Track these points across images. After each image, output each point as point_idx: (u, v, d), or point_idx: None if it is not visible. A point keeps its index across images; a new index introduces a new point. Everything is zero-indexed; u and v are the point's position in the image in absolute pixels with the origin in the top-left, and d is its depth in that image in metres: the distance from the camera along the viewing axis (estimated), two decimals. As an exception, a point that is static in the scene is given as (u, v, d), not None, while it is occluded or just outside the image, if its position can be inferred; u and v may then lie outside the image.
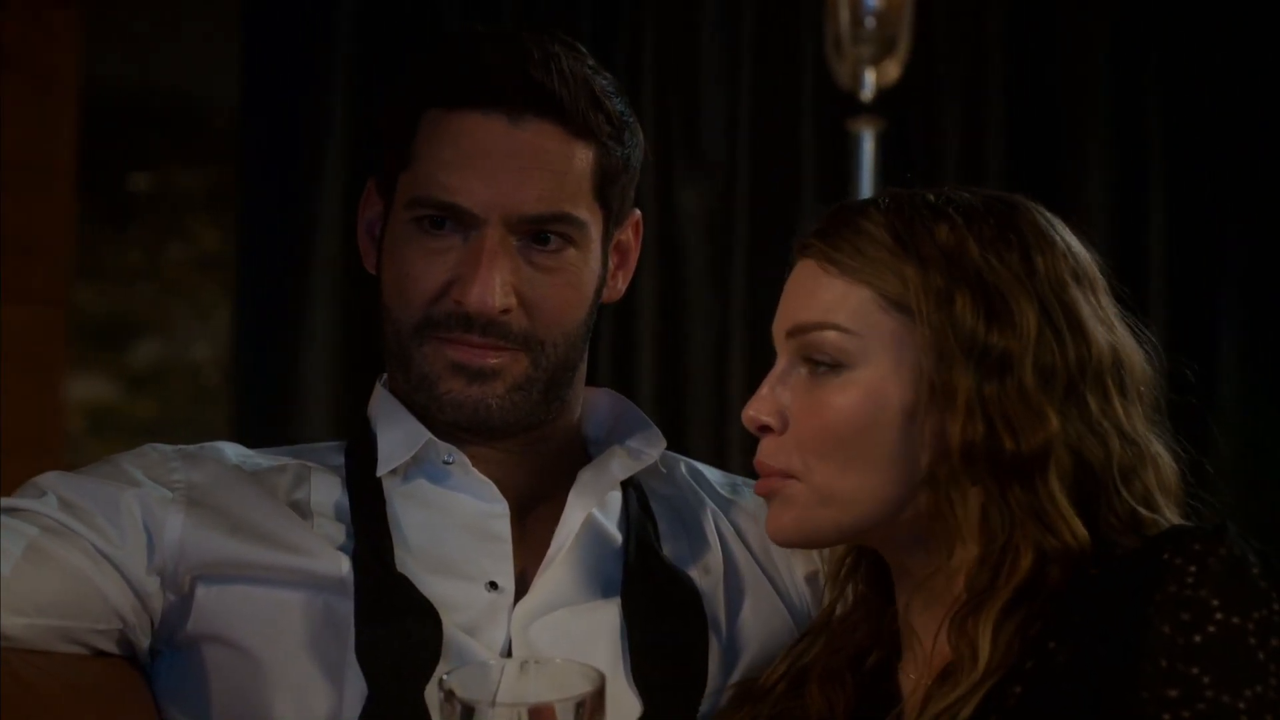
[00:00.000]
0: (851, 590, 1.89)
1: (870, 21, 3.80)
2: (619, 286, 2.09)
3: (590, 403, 2.11)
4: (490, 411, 1.96)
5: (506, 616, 1.93)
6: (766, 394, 1.77)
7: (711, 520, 2.09)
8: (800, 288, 1.78)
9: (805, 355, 1.76)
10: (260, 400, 4.10)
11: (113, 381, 4.53)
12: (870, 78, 3.82)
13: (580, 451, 2.07)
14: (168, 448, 2.01)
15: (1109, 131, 4.13)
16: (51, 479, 1.94)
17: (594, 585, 1.98)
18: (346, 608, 1.89)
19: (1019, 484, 1.71)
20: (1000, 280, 1.73)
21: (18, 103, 3.98)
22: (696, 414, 4.12)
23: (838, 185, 3.92)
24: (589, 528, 2.00)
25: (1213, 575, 1.60)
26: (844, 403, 1.73)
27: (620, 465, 2.03)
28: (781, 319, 1.79)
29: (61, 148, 4.14)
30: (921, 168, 3.97)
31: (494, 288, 1.92)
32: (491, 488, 1.97)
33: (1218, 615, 1.59)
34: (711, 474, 2.16)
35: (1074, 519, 1.71)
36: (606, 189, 1.99)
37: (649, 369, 4.11)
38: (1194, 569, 1.61)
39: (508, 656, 1.91)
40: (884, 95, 3.84)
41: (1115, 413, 1.75)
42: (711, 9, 4.19)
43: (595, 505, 2.01)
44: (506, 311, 1.93)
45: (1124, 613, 1.62)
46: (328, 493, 1.99)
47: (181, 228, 4.59)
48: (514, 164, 1.93)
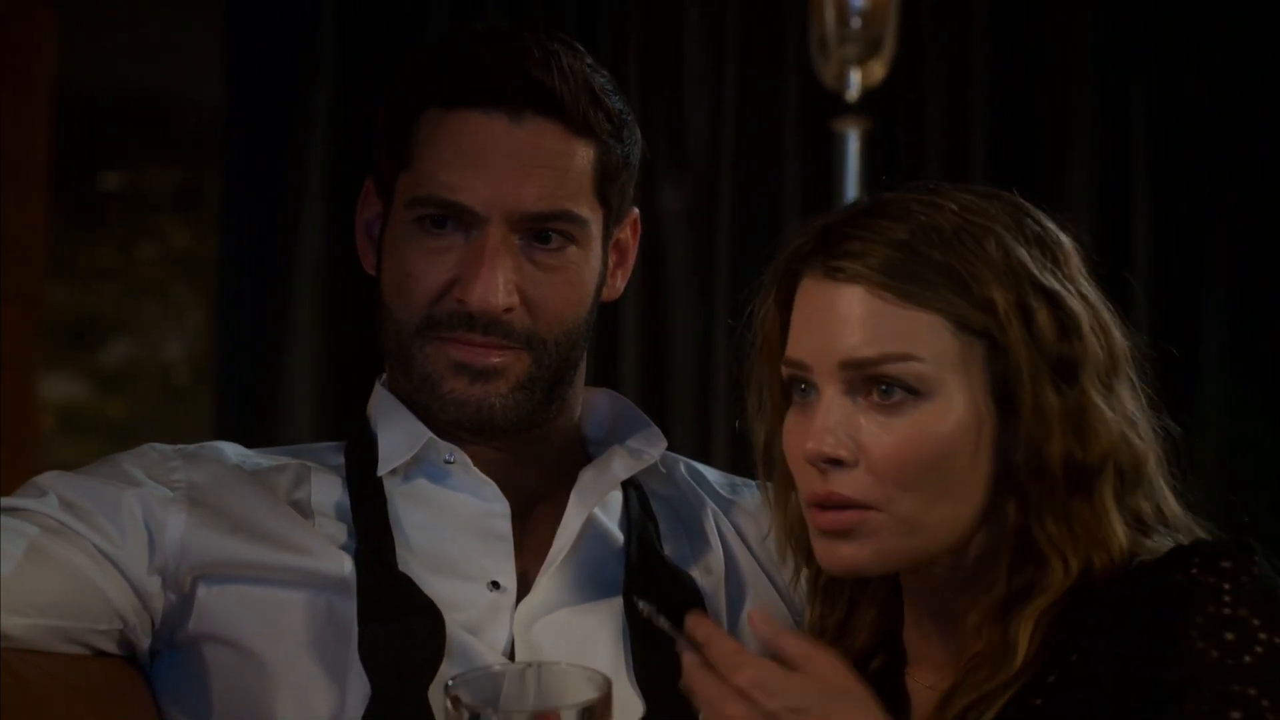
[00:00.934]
0: (842, 599, 1.87)
1: (856, 21, 3.80)
2: (618, 285, 2.08)
3: (589, 402, 2.10)
4: (494, 411, 1.95)
5: (509, 616, 1.93)
6: (831, 425, 1.72)
7: (712, 520, 2.08)
8: (852, 318, 1.72)
9: (873, 385, 1.72)
10: (240, 400, 4.09)
11: (84, 381, 4.52)
12: (855, 78, 3.82)
13: (580, 451, 2.07)
14: (167, 447, 2.00)
15: (1093, 132, 4.14)
16: (52, 478, 1.93)
17: (596, 585, 1.97)
18: (348, 607, 1.88)
19: (1082, 495, 1.71)
20: (1052, 285, 1.72)
21: (-8, 102, 3.97)
22: (680, 413, 4.12)
23: (822, 185, 3.92)
24: (590, 527, 1.99)
25: (1249, 594, 1.61)
26: (927, 432, 1.70)
27: (621, 465, 2.02)
28: (826, 349, 1.73)
29: (35, 147, 4.12)
30: (906, 168, 3.96)
31: (497, 286, 1.91)
32: (493, 487, 1.97)
33: (1261, 635, 1.59)
34: (711, 474, 2.16)
35: (1120, 528, 1.71)
36: (607, 187, 1.98)
37: (632, 368, 4.10)
38: (1228, 586, 1.61)
39: (510, 656, 1.91)
40: (869, 95, 3.84)
41: (1135, 405, 1.76)
42: (696, 8, 4.18)
43: (597, 505, 2.00)
44: (509, 310, 1.93)
45: (1154, 631, 1.62)
46: (328, 492, 1.99)
47: (154, 227, 4.57)
48: (515, 162, 1.92)
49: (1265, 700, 1.56)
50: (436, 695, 1.83)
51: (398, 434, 1.99)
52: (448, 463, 1.97)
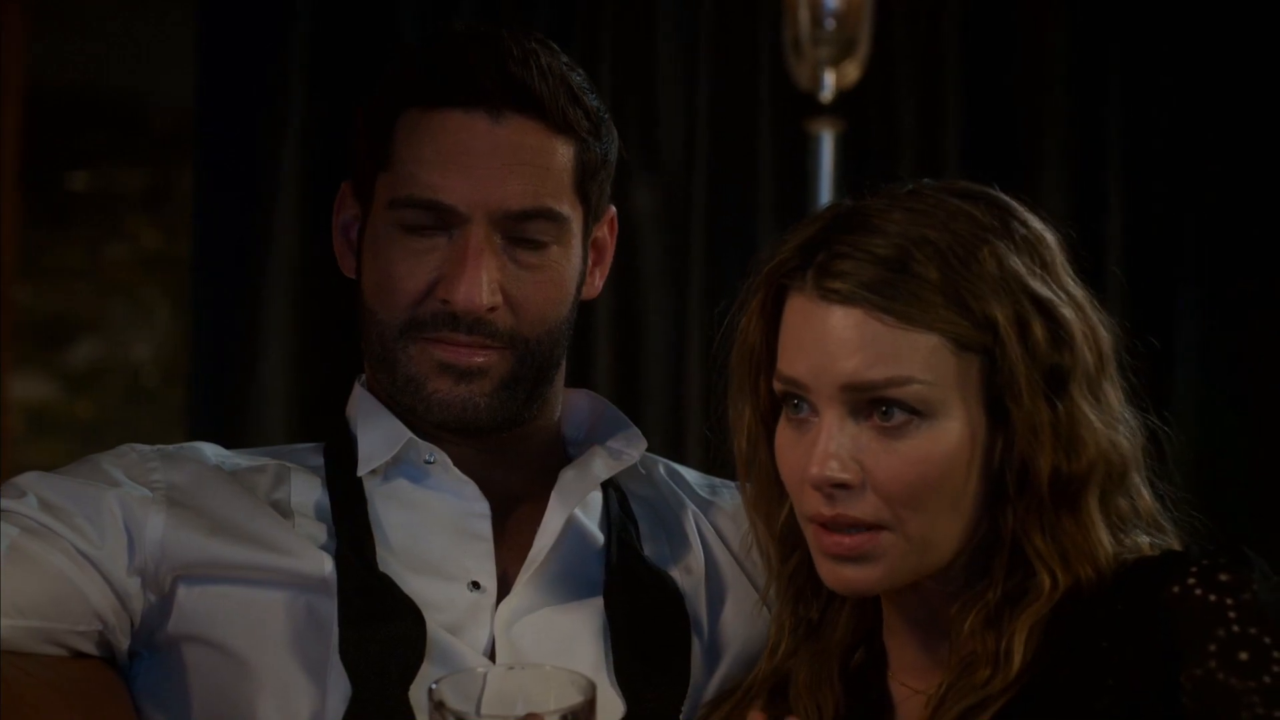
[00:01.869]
0: (819, 596, 1.86)
1: (830, 23, 3.80)
2: (596, 284, 2.09)
3: (569, 403, 2.10)
4: (478, 410, 1.95)
5: (489, 616, 1.93)
6: (834, 449, 1.70)
7: (692, 521, 2.08)
8: (851, 341, 1.70)
9: (875, 407, 1.70)
10: (213, 401, 4.07)
11: (52, 381, 4.50)
12: (830, 79, 3.82)
13: (560, 451, 2.07)
14: (147, 448, 1.99)
15: (1066, 132, 4.14)
16: (31, 479, 1.93)
17: (576, 585, 1.97)
18: (329, 607, 1.88)
19: (1068, 507, 1.71)
20: (1045, 293, 1.71)
21: (-40, 101, 3.95)
22: (654, 413, 4.11)
23: (796, 187, 3.92)
24: (571, 528, 1.99)
25: (1253, 610, 1.61)
26: (933, 452, 1.69)
27: (602, 465, 2.02)
28: (826, 371, 1.71)
29: (4, 146, 4.10)
30: (880, 169, 3.96)
31: (481, 285, 1.91)
32: (473, 487, 1.96)
33: (1275, 654, 1.60)
34: (690, 475, 2.16)
35: (1106, 537, 1.72)
36: (586, 184, 1.99)
37: (605, 369, 4.10)
38: (1230, 602, 1.62)
39: (491, 656, 1.91)
40: (843, 96, 3.84)
41: (1120, 403, 1.75)
42: (669, 9, 4.18)
43: (577, 506, 1.99)
44: (493, 310, 1.92)
45: (1156, 647, 1.63)
46: (308, 493, 1.98)
47: (123, 227, 4.56)
48: (496, 161, 1.92)
49: None
50: (417, 695, 1.83)
51: (377, 434, 1.98)
52: (428, 463, 1.97)
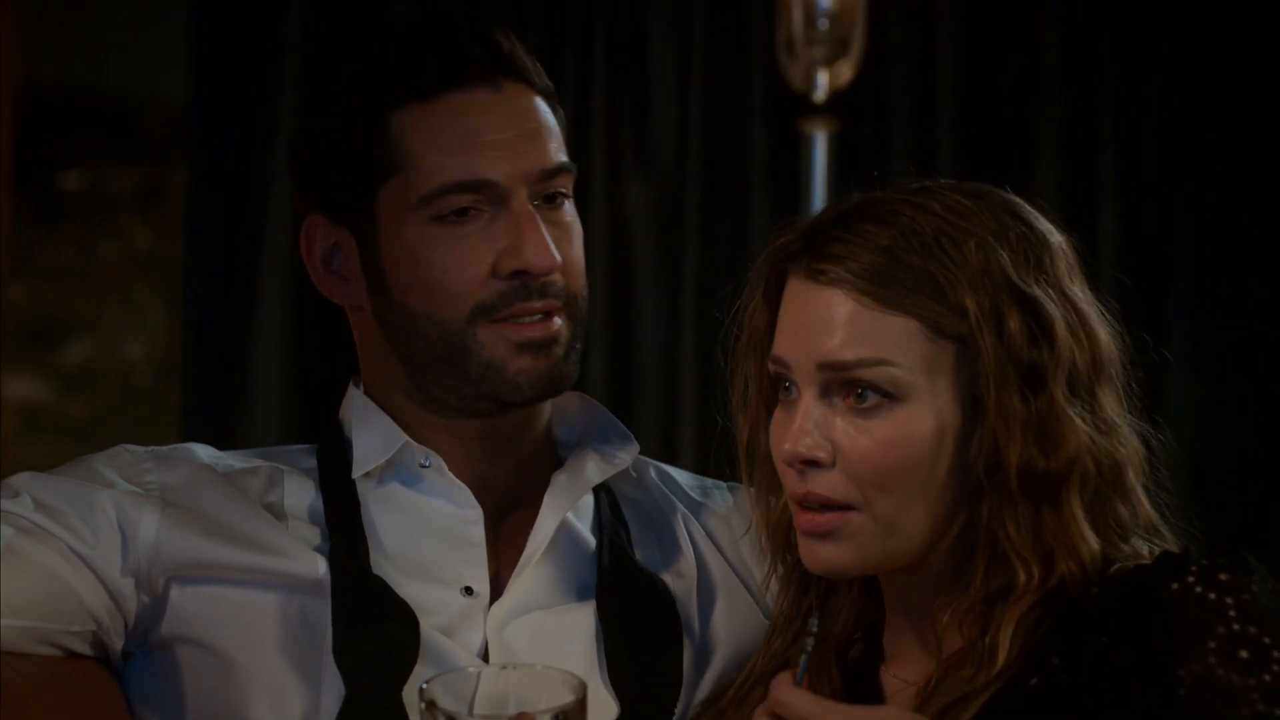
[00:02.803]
0: (818, 587, 1.87)
1: (823, 23, 3.80)
2: None
3: (560, 406, 2.09)
4: (561, 377, 1.95)
5: (482, 619, 1.93)
6: (809, 428, 1.74)
7: (683, 524, 2.08)
8: (832, 321, 1.73)
9: (850, 388, 1.73)
10: (207, 400, 4.07)
11: (45, 381, 4.50)
12: (823, 79, 3.82)
13: (552, 454, 2.06)
14: (140, 449, 1.99)
15: (1059, 132, 4.15)
16: (25, 479, 1.93)
17: (568, 588, 1.98)
18: (322, 609, 1.88)
19: (1047, 502, 1.71)
20: (1030, 291, 1.72)
21: (-49, 101, 3.95)
22: (647, 415, 4.11)
23: (790, 187, 3.92)
24: (563, 531, 1.99)
25: (1253, 610, 1.63)
26: (903, 435, 1.71)
27: (594, 469, 2.01)
28: (806, 350, 1.74)
29: (-4, 145, 4.10)
30: (874, 169, 3.96)
31: (548, 244, 1.91)
32: (466, 493, 1.96)
33: (1275, 653, 1.61)
34: (681, 476, 2.16)
35: (1091, 535, 1.72)
36: (566, 141, 2.00)
37: (599, 370, 4.09)
38: (1231, 601, 1.63)
39: (484, 658, 1.91)
40: (837, 96, 3.84)
41: (1116, 410, 1.76)
42: (662, 9, 4.18)
43: (569, 509, 1.99)
44: (556, 269, 1.93)
45: (1152, 642, 1.64)
46: (301, 495, 1.98)
47: (115, 227, 4.56)
48: (513, 128, 1.92)
49: None
50: (411, 696, 1.83)
51: (373, 437, 1.98)
52: (423, 467, 1.97)
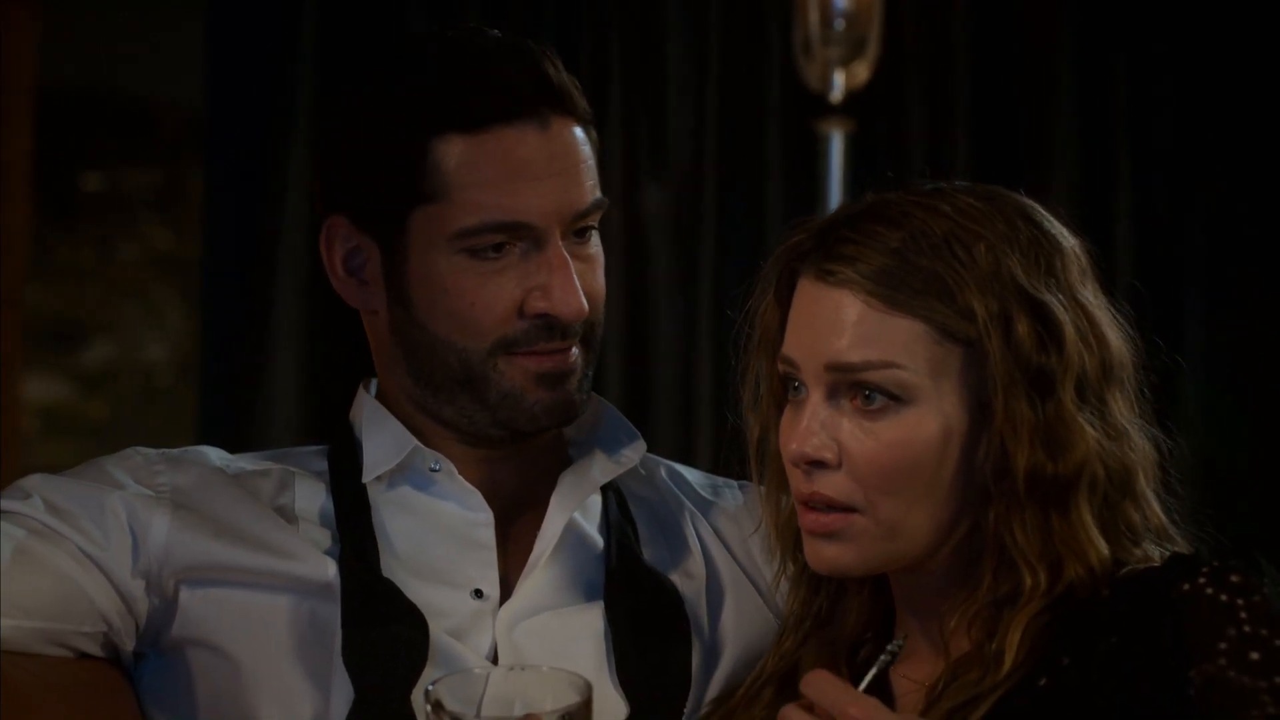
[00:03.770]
0: (829, 587, 1.87)
1: (839, 23, 3.80)
2: None
3: None
4: (574, 408, 1.96)
5: (491, 621, 1.93)
6: (815, 428, 1.74)
7: (691, 523, 2.08)
8: (841, 322, 1.73)
9: (857, 390, 1.73)
10: (224, 401, 4.08)
11: (65, 382, 4.51)
12: (839, 79, 3.82)
13: (561, 453, 2.06)
14: (151, 451, 1.99)
15: (1075, 133, 4.15)
16: (36, 481, 1.93)
17: (577, 589, 1.98)
18: (332, 612, 1.88)
19: (1056, 508, 1.71)
20: (1040, 294, 1.72)
21: (-28, 102, 3.96)
22: (663, 415, 4.11)
23: (806, 187, 3.92)
24: (571, 532, 1.99)
25: (1264, 612, 1.62)
26: (909, 438, 1.71)
27: (601, 469, 2.01)
28: (814, 351, 1.74)
29: (16, 147, 4.11)
30: (889, 169, 3.96)
31: (579, 294, 1.91)
32: (476, 495, 1.96)
33: None
34: (692, 475, 2.16)
35: (1099, 539, 1.72)
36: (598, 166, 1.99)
37: (616, 371, 4.10)
38: (1241, 602, 1.63)
39: (493, 659, 1.91)
40: (853, 97, 3.84)
41: (1125, 414, 1.76)
42: (678, 10, 4.18)
43: (577, 509, 1.99)
44: (584, 315, 1.93)
45: (1162, 642, 1.63)
46: (312, 498, 1.98)
47: (135, 228, 4.57)
48: (555, 168, 1.91)
49: None
50: (420, 698, 1.81)
51: (383, 440, 1.98)
52: (433, 470, 1.97)
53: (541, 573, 1.96)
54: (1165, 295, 4.07)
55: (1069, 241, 1.77)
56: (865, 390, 1.72)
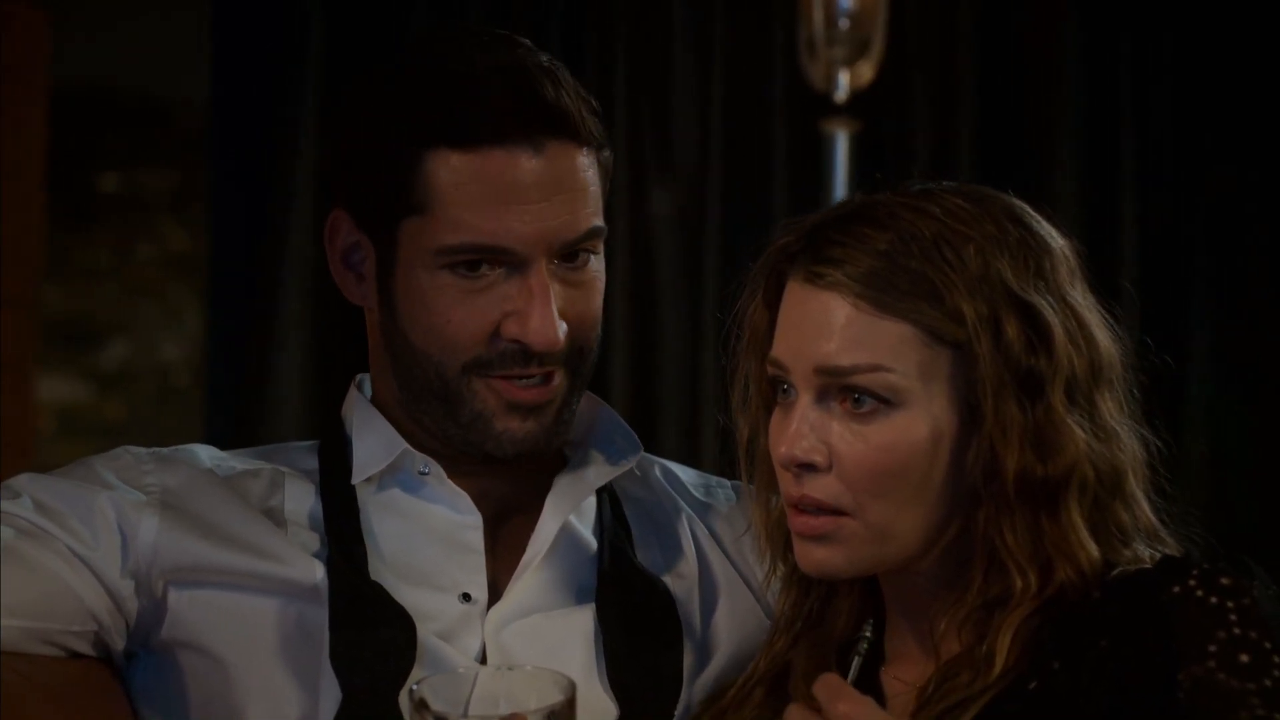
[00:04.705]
0: (819, 588, 1.87)
1: (844, 23, 3.80)
2: None
3: None
4: (542, 443, 1.94)
5: (480, 624, 1.93)
6: (805, 431, 1.73)
7: (685, 524, 2.07)
8: (829, 325, 1.73)
9: (847, 393, 1.73)
10: (232, 400, 4.09)
11: (81, 382, 4.53)
12: (844, 79, 3.81)
13: (556, 454, 2.05)
14: (141, 450, 1.99)
15: (1080, 132, 4.14)
16: (25, 481, 1.94)
17: (568, 591, 1.97)
18: (320, 615, 1.88)
19: (1045, 510, 1.71)
20: (1029, 297, 1.72)
21: (-14, 104, 3.98)
22: (668, 416, 4.11)
23: (811, 187, 3.92)
24: (564, 534, 1.98)
25: (1253, 614, 1.62)
26: (899, 441, 1.71)
27: (597, 473, 2.01)
28: (803, 354, 1.74)
29: (31, 148, 4.12)
30: (894, 169, 3.96)
31: (555, 323, 1.88)
32: (466, 499, 1.96)
33: (1275, 658, 1.61)
34: (686, 475, 2.15)
35: (1089, 541, 1.71)
36: (606, 190, 1.96)
37: (621, 371, 4.10)
38: (1231, 605, 1.63)
39: (482, 662, 1.91)
40: (857, 97, 3.84)
41: (1115, 415, 1.76)
42: (683, 10, 4.18)
43: (571, 512, 1.99)
44: (558, 346, 1.91)
45: (1153, 645, 1.63)
46: (301, 499, 1.98)
47: (150, 228, 4.58)
48: (546, 194, 1.88)
49: None
50: (405, 699, 1.81)
51: (373, 442, 1.98)
52: (422, 474, 1.97)
53: (533, 575, 1.95)
54: (1171, 295, 4.07)
55: (1058, 242, 1.77)
56: (854, 393, 1.72)
